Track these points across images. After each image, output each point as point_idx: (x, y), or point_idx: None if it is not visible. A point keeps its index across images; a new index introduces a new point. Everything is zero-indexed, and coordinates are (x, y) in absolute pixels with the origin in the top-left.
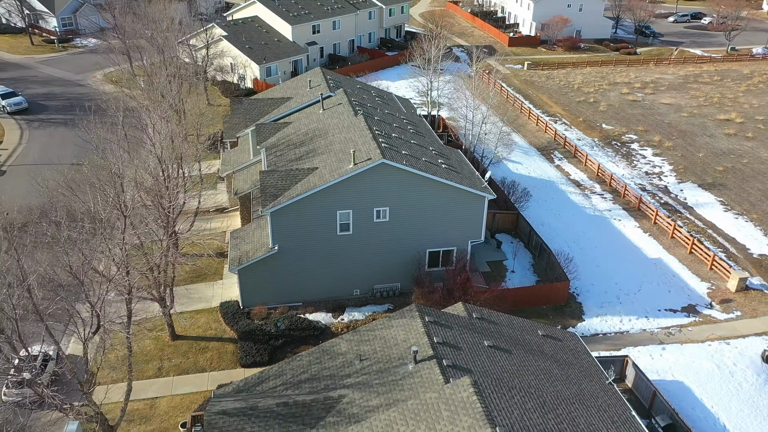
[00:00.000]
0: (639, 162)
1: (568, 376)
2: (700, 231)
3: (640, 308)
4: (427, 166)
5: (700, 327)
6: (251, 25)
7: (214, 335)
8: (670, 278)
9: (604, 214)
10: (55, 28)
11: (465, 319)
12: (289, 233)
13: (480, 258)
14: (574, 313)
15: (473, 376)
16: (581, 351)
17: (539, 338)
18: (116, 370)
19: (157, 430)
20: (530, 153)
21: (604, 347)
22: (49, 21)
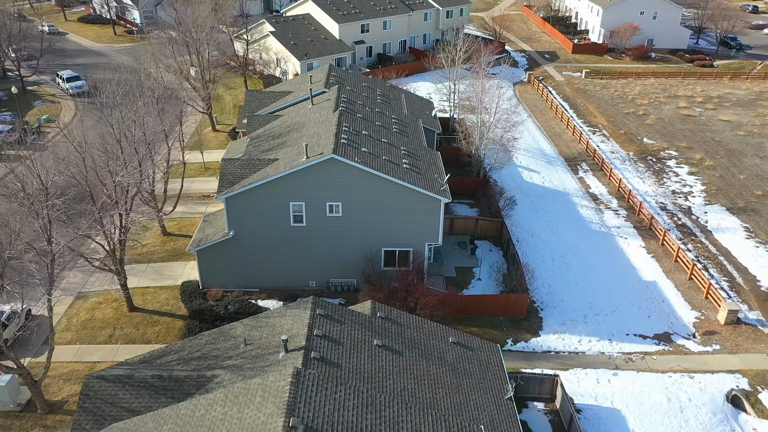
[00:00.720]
0: (669, 179)
1: (458, 385)
2: (710, 257)
3: (606, 330)
4: (383, 165)
5: (668, 357)
6: (301, 22)
7: (168, 311)
8: (658, 303)
9: (610, 230)
10: (134, 19)
11: (365, 317)
12: (244, 220)
13: (450, 263)
14: (531, 328)
15: (311, 369)
16: (494, 363)
17: (446, 345)
18: (76, 332)
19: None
20: (555, 162)
21: (551, 365)
22: (133, 13)
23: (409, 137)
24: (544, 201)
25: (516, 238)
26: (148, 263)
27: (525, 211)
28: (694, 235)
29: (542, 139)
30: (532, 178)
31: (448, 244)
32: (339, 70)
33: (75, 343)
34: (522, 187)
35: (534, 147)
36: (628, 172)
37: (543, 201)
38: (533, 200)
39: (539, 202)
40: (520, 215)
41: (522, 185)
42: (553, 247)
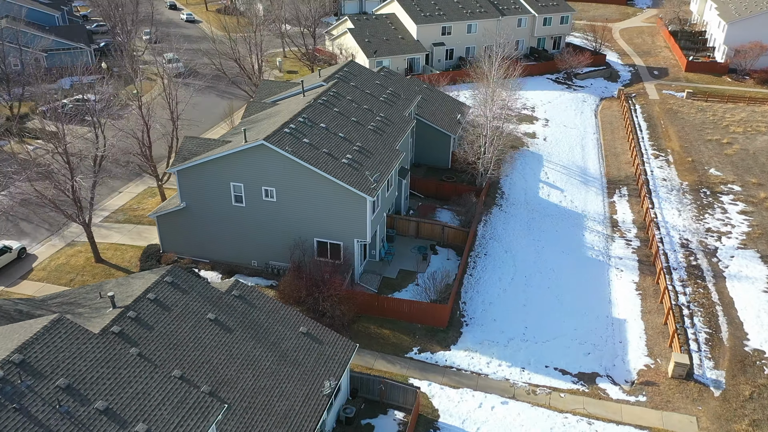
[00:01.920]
0: (712, 216)
1: (275, 372)
2: (706, 305)
3: (524, 358)
4: (318, 157)
5: (577, 397)
6: (383, 21)
7: (125, 267)
8: (612, 343)
9: (609, 260)
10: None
11: (218, 292)
12: (193, 194)
13: (396, 264)
14: (445, 340)
15: (117, 326)
16: (337, 360)
17: (292, 333)
18: (47, 273)
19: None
20: (592, 183)
21: (443, 380)
22: (258, 6)
23: (382, 136)
24: (548, 220)
25: (486, 251)
26: (136, 225)
27: (515, 227)
28: (702, 279)
29: (594, 157)
30: (550, 195)
31: (407, 246)
32: (357, 66)
33: (42, 281)
34: (531, 202)
35: (577, 164)
36: (668, 202)
37: (546, 220)
38: (535, 217)
39: (540, 220)
40: (506, 229)
41: (532, 200)
42: (523, 266)
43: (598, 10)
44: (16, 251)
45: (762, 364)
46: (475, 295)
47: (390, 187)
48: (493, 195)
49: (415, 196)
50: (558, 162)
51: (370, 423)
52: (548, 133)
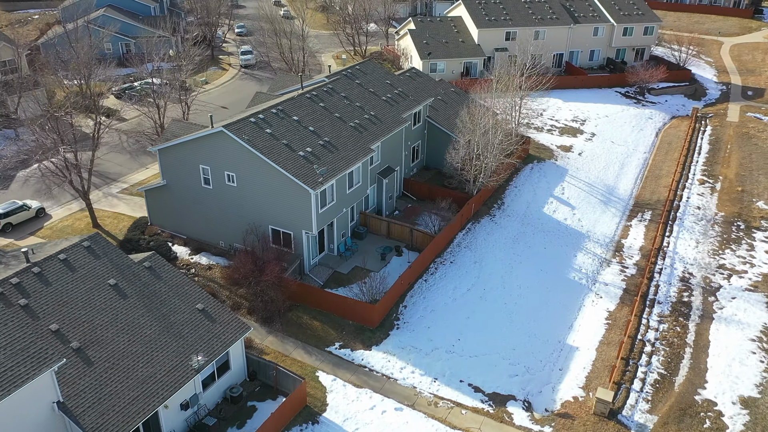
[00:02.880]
0: (732, 252)
1: (153, 339)
2: (674, 345)
3: (441, 370)
4: (273, 148)
5: (479, 417)
6: (447, 24)
7: (115, 234)
8: (549, 369)
9: (591, 285)
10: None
11: (129, 261)
12: (171, 173)
13: (354, 261)
14: (369, 340)
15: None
16: (221, 340)
17: (187, 307)
18: (52, 232)
19: None
20: (613, 203)
21: (353, 378)
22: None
23: (361, 133)
24: (540, 236)
25: (454, 259)
26: (143, 198)
27: (499, 239)
28: (685, 317)
29: (631, 177)
30: (557, 211)
31: (375, 245)
32: (372, 65)
33: (45, 238)
34: (530, 215)
35: (606, 183)
36: (690, 231)
37: (538, 236)
38: (526, 232)
39: (531, 236)
40: (487, 240)
41: (532, 214)
42: (487, 279)
43: (714, 23)
44: (34, 210)
45: (705, 416)
46: (420, 301)
47: (355, 184)
48: (490, 204)
49: (409, 198)
50: (583, 178)
51: (254, 405)
52: (588, 147)
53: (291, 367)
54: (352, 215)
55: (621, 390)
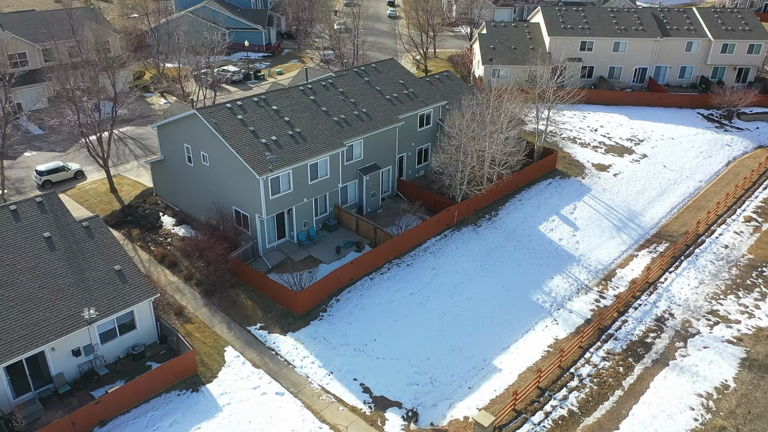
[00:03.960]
0: (737, 298)
1: (58, 289)
2: (605, 385)
3: (340, 366)
4: (237, 132)
5: (353, 416)
6: (522, 30)
7: (124, 200)
8: (458, 386)
9: (554, 310)
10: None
11: (72, 219)
12: (166, 149)
13: (310, 251)
14: (288, 326)
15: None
16: (123, 301)
17: (105, 267)
18: (80, 192)
19: None
20: (628, 231)
21: (256, 359)
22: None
23: (342, 129)
24: (520, 253)
25: (412, 262)
26: None
27: (472, 249)
28: (636, 358)
29: (666, 206)
30: (554, 230)
31: (341, 238)
32: (391, 63)
33: (70, 197)
34: (519, 230)
35: (632, 208)
36: (699, 270)
37: (518, 252)
38: (507, 246)
39: (511, 251)
40: (458, 249)
41: (523, 229)
42: (437, 287)
43: None
44: (73, 172)
45: None
46: (355, 297)
47: (321, 176)
48: (482, 213)
49: (401, 198)
50: (605, 201)
51: (151, 365)
52: (630, 169)
53: (207, 338)
54: (324, 207)
55: (518, 419)
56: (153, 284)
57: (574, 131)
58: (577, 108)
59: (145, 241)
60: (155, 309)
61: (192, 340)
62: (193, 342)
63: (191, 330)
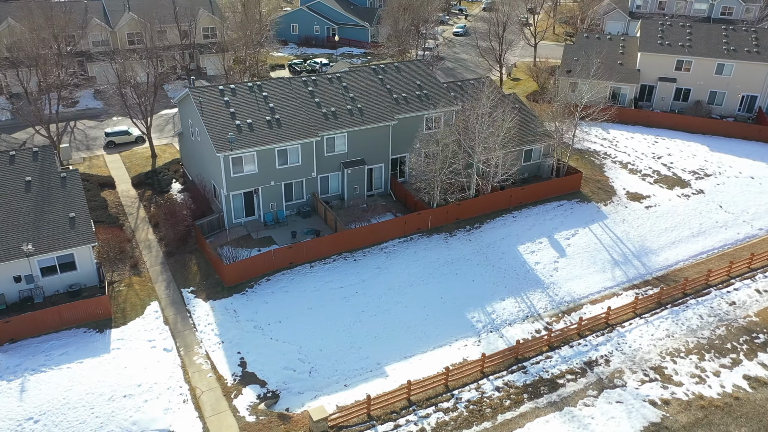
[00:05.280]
0: (698, 362)
1: (16, 225)
2: (464, 418)
3: (231, 339)
4: (215, 112)
5: (216, 385)
6: (616, 42)
7: (157, 166)
8: (336, 381)
9: (483, 331)
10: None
11: (56, 169)
12: (183, 123)
13: (270, 232)
14: (214, 294)
15: None
16: (62, 242)
17: (63, 213)
18: (126, 157)
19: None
20: (625, 268)
21: (172, 316)
22: None
23: (326, 121)
24: (481, 268)
25: (360, 258)
26: None
27: (430, 256)
28: (533, 395)
29: (693, 249)
30: (535, 252)
31: (308, 225)
32: (416, 64)
33: (116, 156)
34: (494, 247)
35: (644, 245)
36: (676, 323)
37: (479, 268)
38: (469, 260)
39: (470, 265)
40: (416, 254)
41: (498, 246)
42: (370, 285)
43: None
44: (134, 137)
45: None
46: (285, 280)
47: (291, 162)
48: (463, 223)
49: (391, 197)
50: (618, 232)
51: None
52: (671, 204)
53: (142, 291)
54: (301, 194)
55: (366, 424)
56: (95, 234)
57: (633, 155)
58: (652, 132)
59: (150, 201)
60: (108, 257)
61: (130, 290)
62: (128, 292)
63: (135, 282)
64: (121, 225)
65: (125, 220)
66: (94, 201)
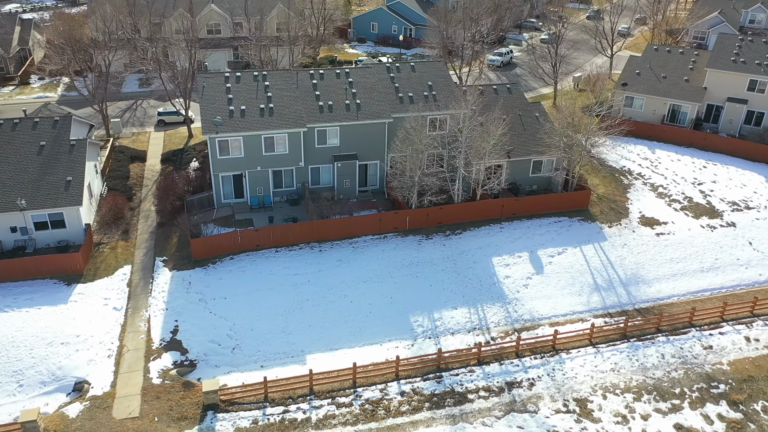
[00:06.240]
0: (628, 402)
1: (20, 182)
2: (353, 414)
3: (174, 308)
4: (215, 95)
5: (140, 346)
6: (687, 57)
7: (189, 145)
8: (245, 363)
9: (422, 336)
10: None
11: (66, 137)
12: None
13: (253, 215)
14: (181, 265)
15: None
16: (50, 202)
17: (62, 176)
18: (163, 134)
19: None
20: (603, 294)
21: (137, 280)
22: None
23: (320, 114)
24: (444, 275)
25: (326, 249)
26: None
27: (395, 256)
28: (436, 405)
29: (695, 284)
30: (510, 266)
31: (291, 213)
32: (436, 65)
33: (159, 135)
34: (465, 255)
35: (636, 273)
36: (630, 359)
37: (443, 274)
38: (435, 264)
39: (433, 270)
40: (383, 252)
41: (470, 255)
42: (324, 277)
43: None
44: (182, 118)
45: None
46: (246, 261)
47: (278, 150)
48: (444, 228)
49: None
50: (612, 256)
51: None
52: (690, 234)
53: (121, 255)
54: (291, 182)
55: (259, 404)
56: (78, 196)
57: (670, 179)
58: (705, 155)
59: (167, 176)
60: (103, 221)
61: (112, 252)
62: (109, 254)
63: (120, 245)
64: (132, 194)
65: (139, 190)
66: (118, 171)
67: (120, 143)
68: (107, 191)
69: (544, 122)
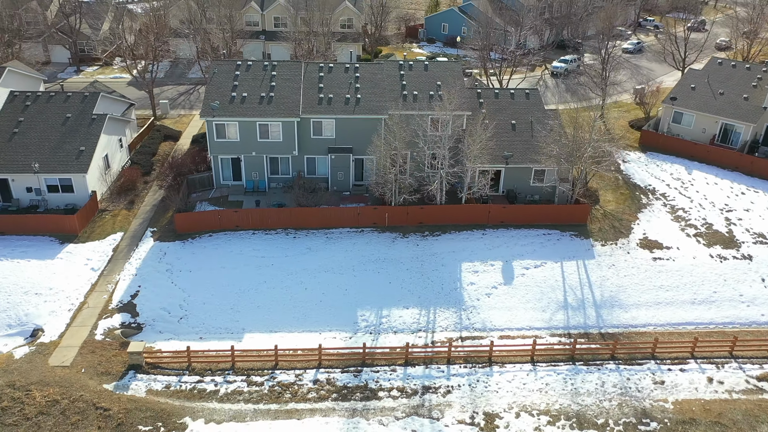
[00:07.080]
0: (534, 423)
1: (41, 147)
2: (256, 393)
3: (143, 275)
4: (222, 81)
5: (102, 307)
6: (753, 72)
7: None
8: (187, 333)
9: (362, 331)
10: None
11: (90, 113)
12: None
13: (246, 198)
14: (165, 237)
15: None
16: (61, 168)
17: (76, 146)
18: None
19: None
20: (577, 315)
21: (122, 246)
22: None
23: (321, 105)
24: (408, 274)
25: (300, 237)
26: None
27: (364, 251)
28: (342, 398)
29: (680, 316)
30: (479, 273)
31: (281, 198)
32: (453, 65)
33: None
34: (435, 257)
35: (615, 296)
36: (565, 381)
37: (407, 273)
38: (401, 263)
39: (398, 269)
40: (354, 245)
41: (440, 258)
42: (291, 263)
43: None
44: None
45: None
46: (222, 239)
47: (272, 137)
48: (424, 228)
49: None
50: (593, 276)
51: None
52: (695, 263)
53: (119, 222)
54: (287, 169)
55: (180, 371)
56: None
57: (695, 202)
58: (749, 181)
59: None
60: (111, 190)
61: (112, 219)
62: (109, 220)
63: (122, 214)
64: (152, 170)
65: (159, 166)
66: (148, 147)
67: (162, 123)
68: (130, 164)
69: (553, 131)
